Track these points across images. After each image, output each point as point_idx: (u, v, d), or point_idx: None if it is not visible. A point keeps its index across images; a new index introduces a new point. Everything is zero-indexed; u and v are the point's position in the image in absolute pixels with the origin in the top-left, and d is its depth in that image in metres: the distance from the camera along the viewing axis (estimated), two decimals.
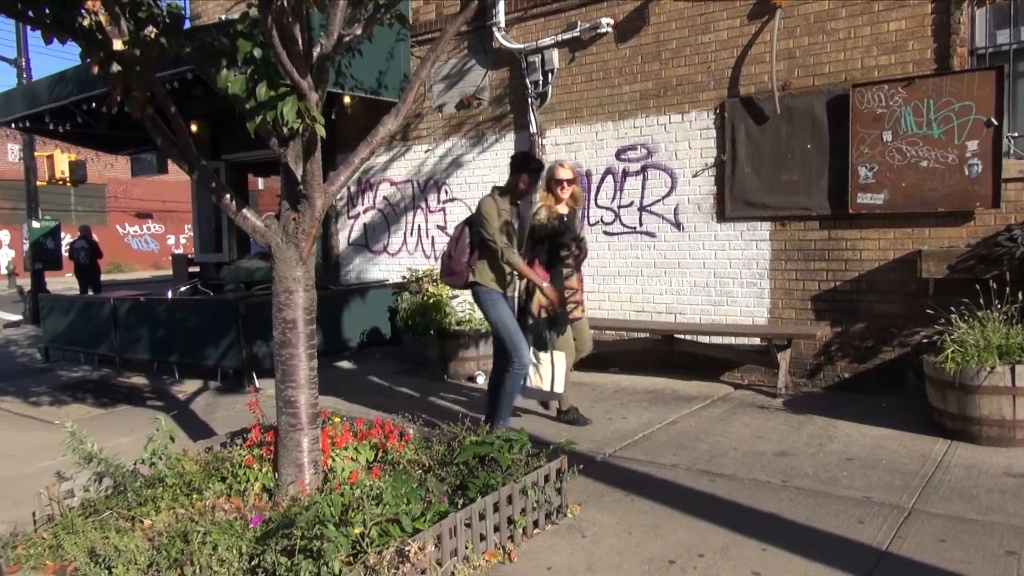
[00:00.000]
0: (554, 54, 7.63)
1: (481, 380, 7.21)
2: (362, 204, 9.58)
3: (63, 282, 20.09)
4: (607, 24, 7.24)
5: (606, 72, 7.39)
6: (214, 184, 3.85)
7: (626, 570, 3.24)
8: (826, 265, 6.29)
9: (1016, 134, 5.68)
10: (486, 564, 3.30)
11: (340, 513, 3.17)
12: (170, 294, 9.70)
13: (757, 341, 6.56)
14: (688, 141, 6.92)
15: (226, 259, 11.38)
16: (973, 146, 5.56)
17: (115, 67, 3.32)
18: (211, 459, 4.17)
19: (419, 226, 9.04)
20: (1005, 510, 3.66)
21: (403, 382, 7.40)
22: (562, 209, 5.23)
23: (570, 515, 3.81)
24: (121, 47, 3.24)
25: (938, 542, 3.35)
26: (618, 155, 7.37)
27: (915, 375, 5.71)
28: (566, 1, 7.55)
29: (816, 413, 5.55)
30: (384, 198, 9.34)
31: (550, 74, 7.68)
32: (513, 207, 5.01)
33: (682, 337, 6.83)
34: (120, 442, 5.44)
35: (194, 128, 10.15)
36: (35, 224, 14.53)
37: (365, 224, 9.58)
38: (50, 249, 14.89)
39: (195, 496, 3.80)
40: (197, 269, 12.17)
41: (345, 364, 8.36)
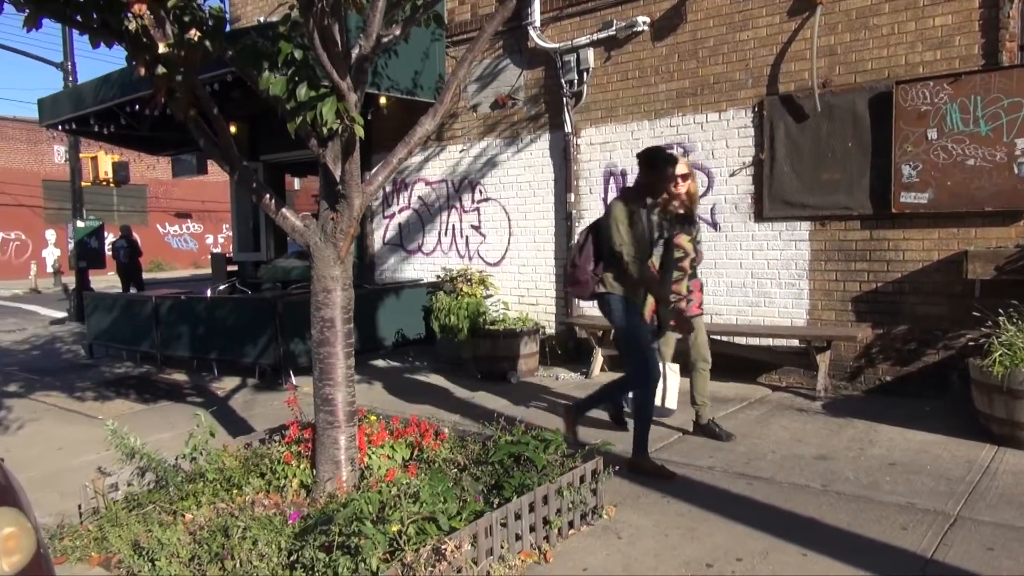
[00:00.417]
0: (589, 53, 7.60)
1: (515, 380, 7.21)
2: (397, 204, 9.65)
3: (106, 280, 20.59)
4: (643, 22, 7.19)
5: (642, 71, 7.34)
6: (255, 184, 3.91)
7: (663, 573, 3.21)
8: (868, 266, 6.16)
9: None
10: (521, 564, 3.30)
11: (377, 510, 3.19)
12: (209, 293, 9.87)
13: (795, 343, 6.46)
14: (725, 140, 6.84)
15: (263, 258, 11.55)
16: (1022, 144, 5.41)
17: (160, 69, 3.39)
18: (250, 455, 4.24)
19: (453, 226, 9.08)
20: None
21: (437, 381, 7.43)
22: (673, 209, 4.78)
23: (605, 516, 3.79)
24: (165, 50, 3.30)
25: (986, 550, 3.26)
26: None
27: (960, 379, 5.56)
28: (602, 0, 7.51)
29: (856, 416, 5.45)
30: (419, 198, 9.40)
31: (585, 73, 7.65)
32: (645, 210, 4.48)
33: (718, 338, 6.74)
34: (161, 437, 5.55)
35: (233, 129, 10.27)
36: (80, 224, 14.89)
37: (400, 224, 9.65)
38: (94, 248, 15.26)
39: (235, 491, 3.87)
40: (235, 268, 12.37)
41: (380, 362, 8.43)
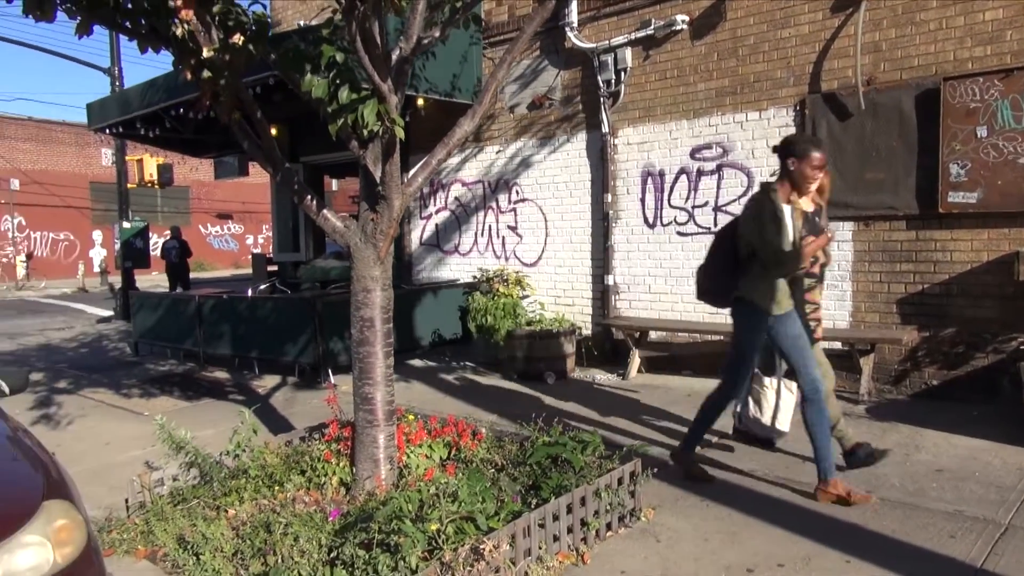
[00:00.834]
0: (627, 53, 7.56)
1: (551, 381, 7.20)
2: (434, 205, 9.71)
3: (150, 280, 21.09)
4: (682, 21, 7.13)
5: (680, 70, 7.27)
6: (296, 185, 3.97)
7: None
8: (913, 267, 6.02)
9: None
10: (559, 565, 3.30)
11: (416, 509, 3.22)
12: (250, 292, 10.03)
13: (838, 345, 6.32)
14: (766, 139, 6.74)
15: (303, 258, 11.71)
16: None
17: (205, 73, 3.46)
18: (291, 452, 4.30)
19: (490, 226, 9.10)
20: None
21: (473, 381, 7.46)
22: (805, 205, 4.09)
23: (644, 519, 3.77)
24: (211, 54, 3.37)
25: None
26: (692, 154, 7.24)
27: (1011, 383, 5.40)
28: None
29: (901, 421, 5.32)
30: (455, 198, 9.44)
31: (623, 73, 7.61)
32: (791, 207, 3.97)
33: None
34: (204, 434, 5.66)
35: (273, 131, 10.43)
36: (126, 224, 15.26)
37: (437, 224, 9.71)
38: (139, 248, 15.63)
39: (276, 488, 3.93)
40: (275, 268, 12.56)
41: (417, 362, 8.49)
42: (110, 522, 3.89)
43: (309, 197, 3.95)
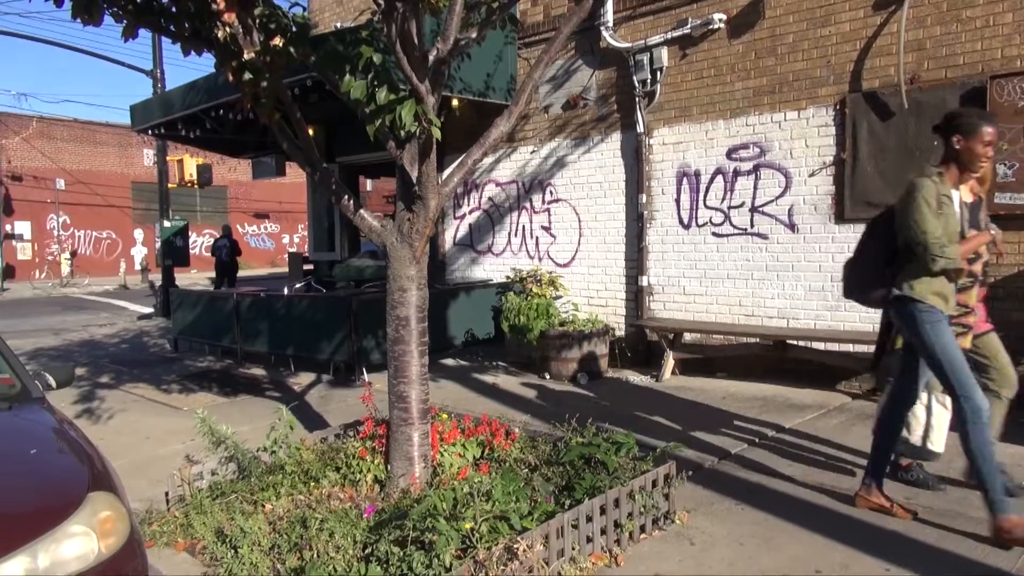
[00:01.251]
0: (663, 52, 7.50)
1: (584, 381, 7.18)
2: (467, 205, 9.74)
3: (189, 277, 21.51)
4: (719, 20, 7.06)
5: (717, 69, 7.20)
6: (334, 185, 4.01)
7: None
8: None
9: None
10: (592, 567, 3.28)
11: (450, 507, 3.23)
12: (286, 291, 10.17)
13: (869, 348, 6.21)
14: (804, 139, 6.64)
15: (338, 257, 11.84)
16: None
17: (246, 75, 3.51)
18: (326, 449, 4.35)
19: (523, 227, 9.11)
20: None
21: (506, 381, 7.47)
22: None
23: (678, 522, 3.73)
24: (252, 56, 3.43)
25: None
26: (729, 154, 7.16)
27: None
28: None
29: None
30: (489, 199, 9.46)
31: (659, 72, 7.56)
32: (958, 193, 3.58)
33: (795, 343, 6.57)
34: (241, 430, 5.73)
35: (310, 132, 10.60)
36: (166, 223, 15.58)
37: (470, 224, 9.74)
38: (179, 247, 15.95)
39: (312, 484, 3.98)
40: (311, 267, 12.72)
41: (450, 361, 8.52)
42: (150, 514, 3.97)
43: (346, 197, 3.99)
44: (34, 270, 26.62)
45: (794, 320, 6.78)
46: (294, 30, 3.58)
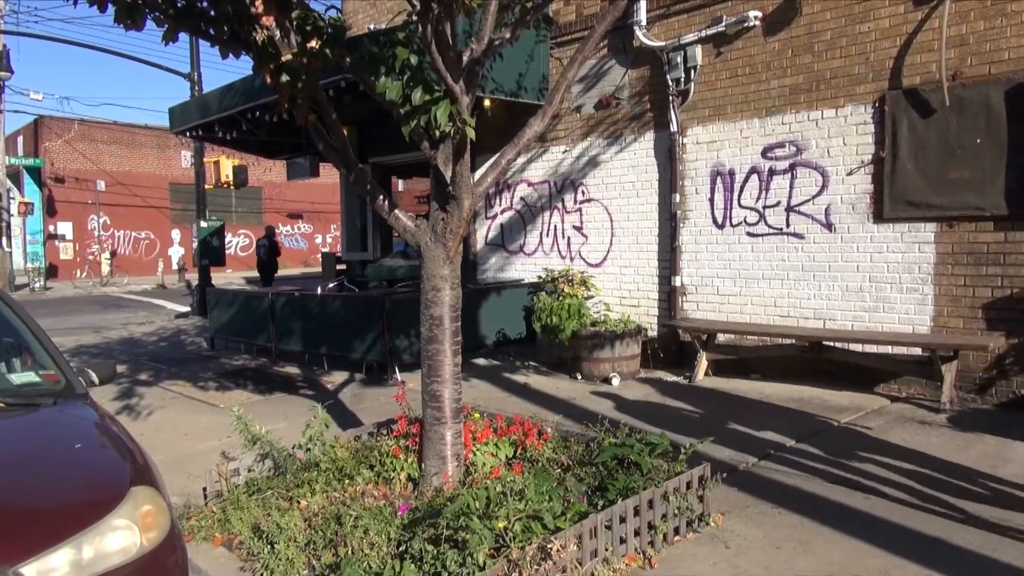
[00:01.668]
0: (697, 50, 7.43)
1: (616, 382, 7.15)
2: (499, 205, 9.76)
3: (224, 277, 21.85)
4: (755, 17, 6.97)
5: (752, 67, 7.11)
6: (369, 186, 4.04)
7: None
8: (1001, 270, 5.73)
9: None
10: (626, 568, 3.27)
11: (483, 507, 3.23)
12: (319, 290, 10.28)
13: (918, 351, 6.09)
14: (842, 137, 6.53)
15: (370, 257, 11.94)
16: None
17: (284, 77, 3.55)
18: (360, 447, 4.39)
19: (555, 227, 9.09)
20: None
21: (538, 381, 7.46)
22: None
23: (712, 524, 3.70)
24: (289, 58, 3.47)
25: None
26: (764, 153, 7.07)
27: None
28: None
29: (987, 432, 5.08)
30: (521, 198, 9.47)
31: (692, 71, 7.49)
32: None
33: (832, 344, 6.46)
34: (277, 427, 5.82)
35: (344, 132, 10.71)
36: (203, 224, 15.84)
37: (502, 224, 9.75)
38: (215, 247, 16.20)
39: (346, 481, 4.01)
40: (343, 267, 12.84)
41: (481, 361, 8.54)
42: (189, 509, 4.04)
43: (381, 197, 4.02)
44: (75, 269, 27.28)
45: (831, 321, 6.67)
46: (330, 32, 3.62)
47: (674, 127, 7.65)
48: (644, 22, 7.83)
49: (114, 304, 18.67)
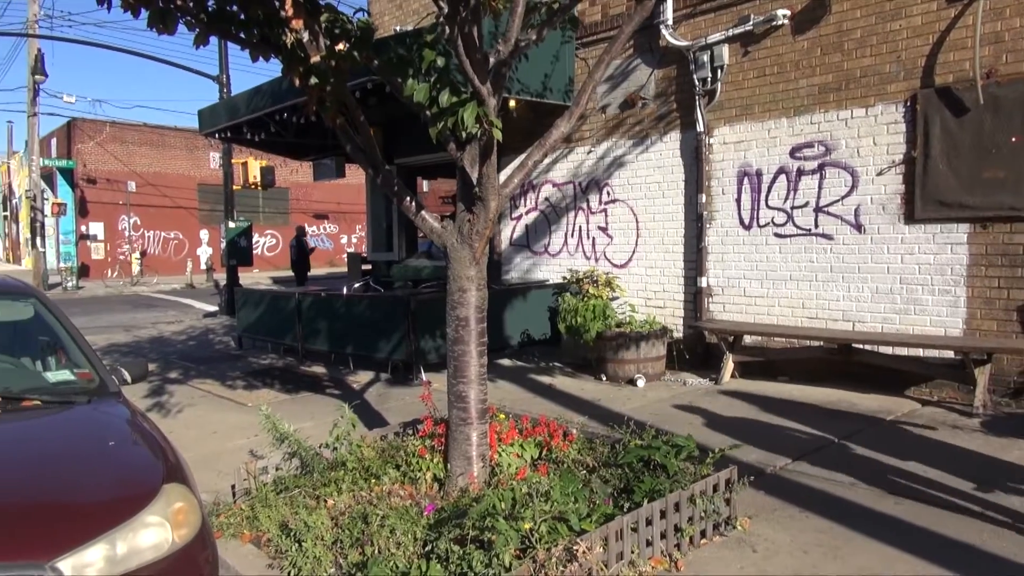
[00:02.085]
0: (724, 50, 7.38)
1: (641, 383, 7.11)
2: (524, 205, 9.76)
3: (251, 277, 22.09)
4: (783, 16, 6.90)
5: (780, 66, 7.04)
6: (395, 187, 4.07)
7: None
8: None
9: None
10: (652, 571, 3.25)
11: (509, 507, 3.24)
12: (345, 290, 10.35)
13: (950, 354, 5.99)
14: (872, 137, 6.44)
15: (395, 258, 12.00)
16: None
17: (312, 80, 3.59)
18: (386, 447, 4.41)
19: (580, 227, 9.07)
20: None
21: (563, 382, 7.45)
22: None
23: (739, 528, 3.67)
24: (318, 60, 3.50)
25: None
26: (792, 153, 7.00)
27: None
28: None
29: (1022, 437, 4.98)
30: (545, 199, 9.46)
31: (719, 70, 7.43)
32: None
33: (861, 347, 6.37)
34: (303, 426, 5.87)
35: (371, 133, 10.77)
36: (231, 224, 16.03)
37: (527, 225, 9.75)
38: (243, 247, 16.39)
39: (373, 481, 4.04)
40: (369, 267, 12.92)
41: (506, 362, 8.55)
42: (218, 506, 4.08)
43: (408, 198, 4.04)
44: (106, 269, 27.76)
45: (860, 323, 6.58)
46: (358, 35, 3.65)
47: (700, 127, 7.60)
48: (671, 21, 7.79)
49: (144, 303, 18.96)
